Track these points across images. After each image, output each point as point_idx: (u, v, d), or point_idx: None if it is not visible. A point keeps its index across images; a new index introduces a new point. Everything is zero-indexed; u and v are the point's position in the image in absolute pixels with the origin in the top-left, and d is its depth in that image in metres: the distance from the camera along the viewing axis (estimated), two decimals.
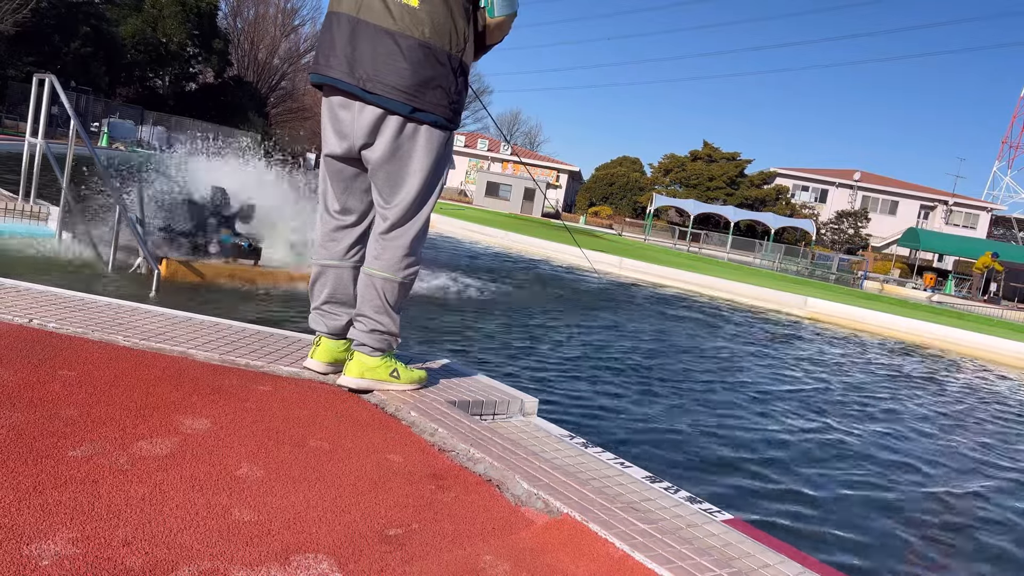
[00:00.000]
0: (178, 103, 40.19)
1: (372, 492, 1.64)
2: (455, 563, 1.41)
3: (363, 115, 2.22)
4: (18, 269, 4.66)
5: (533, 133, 78.12)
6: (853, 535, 3.12)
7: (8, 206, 5.85)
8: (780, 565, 1.75)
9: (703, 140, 58.40)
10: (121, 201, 5.01)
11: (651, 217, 43.26)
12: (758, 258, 36.82)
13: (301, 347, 2.70)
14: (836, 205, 48.07)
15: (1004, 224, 51.03)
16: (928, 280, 31.16)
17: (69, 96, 9.41)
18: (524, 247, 16.54)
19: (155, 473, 1.52)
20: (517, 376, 4.56)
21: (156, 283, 4.77)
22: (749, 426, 4.48)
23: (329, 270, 2.44)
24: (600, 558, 1.53)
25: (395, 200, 2.29)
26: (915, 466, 4.35)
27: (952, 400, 6.88)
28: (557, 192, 52.03)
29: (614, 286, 12.11)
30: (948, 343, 11.40)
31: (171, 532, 1.32)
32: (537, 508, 1.72)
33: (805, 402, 5.51)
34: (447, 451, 1.98)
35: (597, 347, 6.14)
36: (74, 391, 1.87)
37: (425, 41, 2.17)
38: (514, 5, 2.31)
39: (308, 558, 1.32)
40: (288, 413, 2.02)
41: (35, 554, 1.18)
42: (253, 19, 49.32)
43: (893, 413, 5.74)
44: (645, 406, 4.49)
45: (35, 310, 2.52)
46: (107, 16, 34.66)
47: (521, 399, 2.65)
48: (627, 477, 2.24)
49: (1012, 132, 61.21)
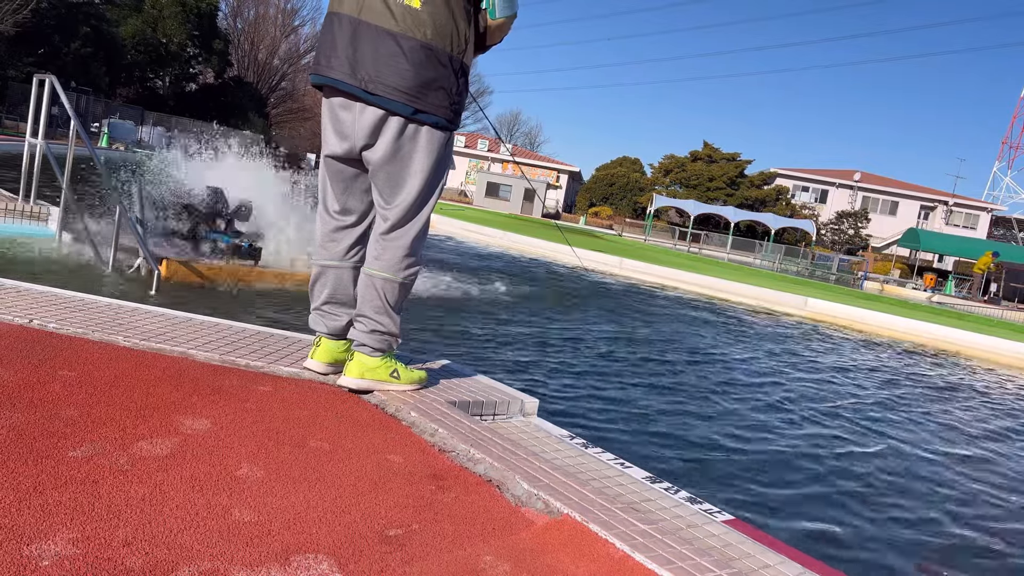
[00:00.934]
0: (178, 103, 40.20)
1: (372, 492, 1.64)
2: (455, 563, 1.41)
3: (364, 116, 2.22)
4: (18, 269, 4.66)
5: (533, 133, 78.18)
6: (853, 535, 3.12)
7: (8, 206, 5.85)
8: (780, 565, 1.75)
9: (703, 140, 58.36)
10: (121, 201, 5.01)
11: (651, 218, 43.25)
12: (758, 259, 36.80)
13: (301, 347, 2.70)
14: (836, 205, 48.07)
15: (1004, 224, 51.03)
16: (928, 280, 31.15)
17: (69, 96, 9.39)
18: (523, 247, 16.54)
19: (155, 473, 1.52)
20: (517, 376, 4.56)
21: (156, 283, 4.77)
22: (749, 426, 4.48)
23: (329, 270, 2.44)
24: (600, 558, 1.52)
25: (396, 201, 2.29)
26: (916, 465, 4.35)
27: (953, 400, 6.88)
28: (557, 192, 52.01)
29: (614, 286, 12.11)
30: (948, 343, 11.41)
31: (171, 532, 1.32)
32: (537, 508, 1.72)
33: (805, 402, 5.51)
34: (447, 451, 1.98)
35: (597, 347, 6.15)
36: (74, 391, 1.87)
37: (427, 42, 2.17)
38: (514, 6, 2.31)
39: (308, 558, 1.32)
40: (288, 413, 2.02)
41: (35, 554, 1.18)
42: (253, 19, 49.34)
43: (894, 413, 5.74)
44: (645, 406, 4.49)
45: (35, 310, 2.52)
46: (107, 16, 34.66)
47: (521, 399, 2.65)
48: (627, 477, 2.24)
49: (1012, 132, 61.22)
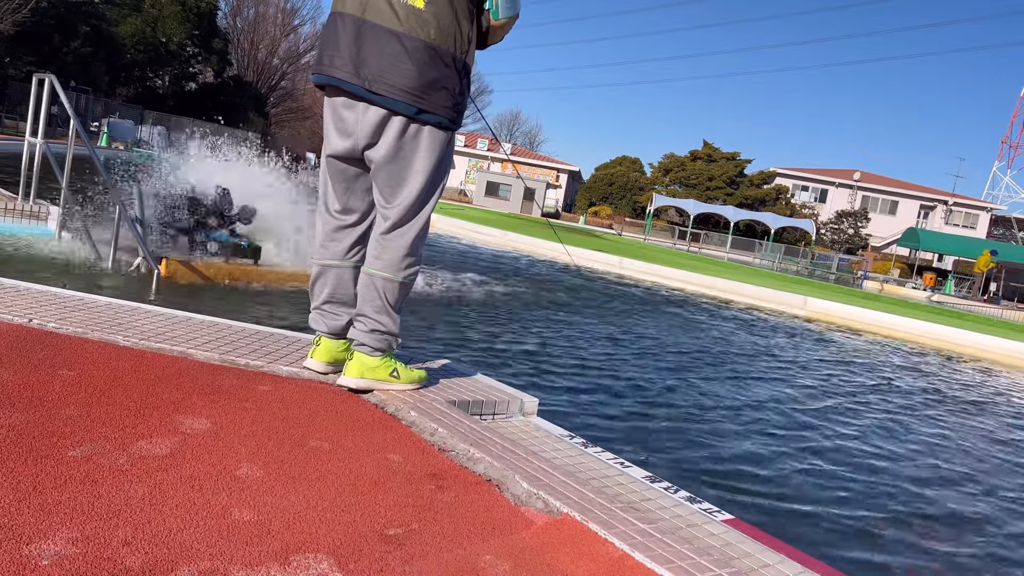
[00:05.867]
0: (178, 103, 40.16)
1: (372, 492, 1.64)
2: (455, 563, 1.41)
3: (367, 115, 2.22)
4: (18, 269, 4.66)
5: (533, 133, 78.03)
6: (853, 535, 3.12)
7: (8, 206, 5.85)
8: (780, 565, 1.75)
9: (703, 140, 58.43)
10: (121, 201, 5.01)
11: (651, 217, 43.24)
12: (758, 258, 36.79)
13: (301, 347, 2.70)
14: (836, 205, 48.06)
15: (1004, 224, 51.01)
16: (928, 280, 31.15)
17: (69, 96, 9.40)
18: (520, 246, 16.54)
19: (155, 473, 1.52)
20: (517, 376, 4.56)
21: (156, 283, 4.77)
22: (749, 426, 4.48)
23: (329, 270, 2.44)
24: (600, 558, 1.53)
25: (397, 200, 2.30)
26: (917, 466, 4.35)
27: (954, 398, 6.88)
28: (557, 192, 52.00)
29: (614, 286, 12.11)
30: (948, 343, 11.41)
31: (171, 532, 1.32)
32: (537, 508, 1.72)
33: (805, 402, 5.51)
34: (447, 451, 1.98)
35: (597, 347, 6.14)
36: (74, 391, 1.87)
37: (431, 43, 2.17)
38: (517, 7, 2.32)
39: (308, 558, 1.32)
40: (288, 413, 2.02)
41: (35, 554, 1.18)
42: (253, 19, 49.27)
43: (895, 412, 5.74)
44: (645, 406, 4.49)
45: (35, 310, 2.52)
46: (107, 16, 34.63)
47: (521, 399, 2.65)
48: (627, 477, 2.24)
49: (1012, 132, 61.19)
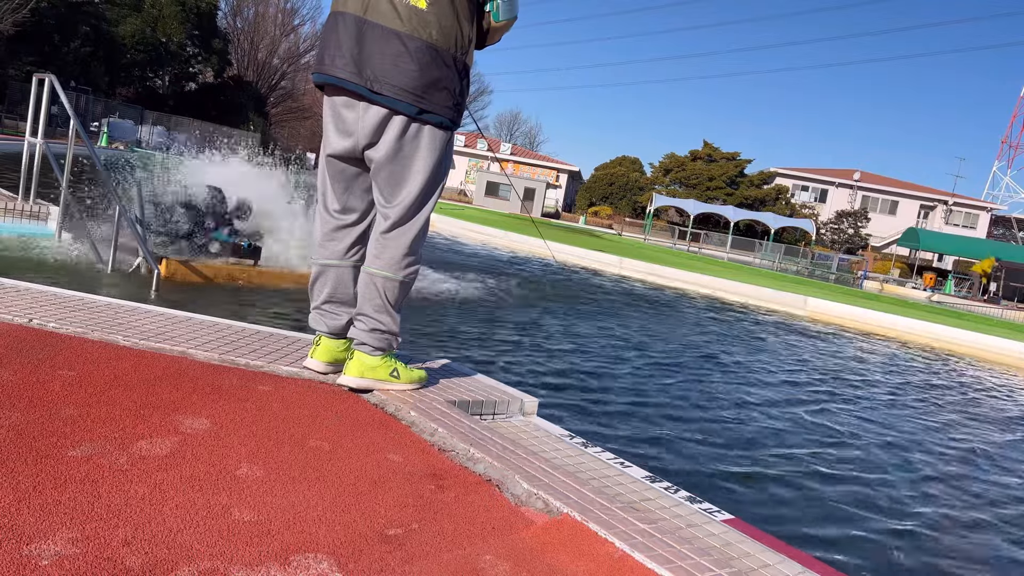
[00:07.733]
0: (178, 103, 40.15)
1: (372, 492, 1.64)
2: (455, 563, 1.41)
3: (368, 115, 2.23)
4: (18, 269, 4.66)
5: (533, 133, 78.05)
6: (854, 535, 3.12)
7: (8, 206, 5.85)
8: (780, 565, 1.75)
9: (703, 140, 58.47)
10: (121, 201, 5.01)
11: (651, 217, 43.26)
12: (758, 258, 36.82)
13: (301, 347, 2.70)
14: (836, 205, 48.07)
15: (1004, 224, 51.02)
16: (928, 280, 31.16)
17: (69, 96, 9.39)
18: (520, 246, 16.55)
19: (155, 473, 1.52)
20: (517, 376, 4.56)
21: (156, 283, 4.77)
22: (749, 425, 4.48)
23: (329, 270, 2.44)
24: (600, 558, 1.52)
25: (397, 199, 2.30)
26: (917, 465, 4.35)
27: (954, 398, 6.88)
28: (557, 192, 52.00)
29: (613, 286, 12.11)
30: (947, 343, 11.41)
31: (171, 532, 1.32)
32: (537, 508, 1.72)
33: (805, 401, 5.51)
34: (447, 451, 1.98)
35: (597, 347, 6.14)
36: (74, 391, 1.87)
37: (432, 43, 2.18)
38: (516, 10, 2.33)
39: (308, 558, 1.32)
40: (288, 413, 2.02)
41: (35, 554, 1.18)
42: (253, 19, 49.25)
43: (894, 412, 5.74)
44: (645, 406, 4.49)
45: (35, 310, 2.52)
46: (107, 16, 34.62)
47: (521, 399, 2.65)
48: (627, 477, 2.24)
49: (1012, 132, 61.21)
